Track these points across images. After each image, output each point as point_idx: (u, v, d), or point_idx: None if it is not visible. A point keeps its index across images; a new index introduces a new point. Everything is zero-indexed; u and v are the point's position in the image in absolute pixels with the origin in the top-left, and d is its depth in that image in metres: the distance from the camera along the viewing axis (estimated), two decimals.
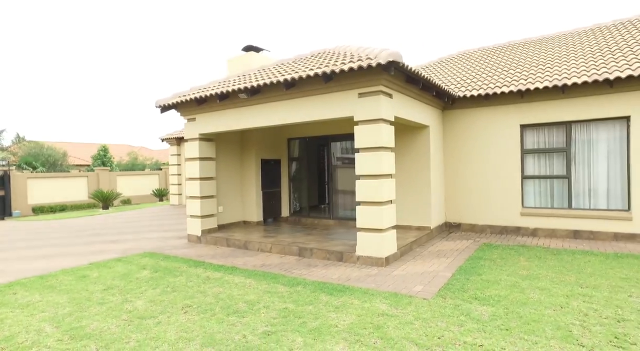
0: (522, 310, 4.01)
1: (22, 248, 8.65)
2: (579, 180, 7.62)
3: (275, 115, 7.03)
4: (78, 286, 5.42)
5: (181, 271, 6.09)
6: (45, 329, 3.93)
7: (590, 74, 7.09)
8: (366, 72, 5.71)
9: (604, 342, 3.27)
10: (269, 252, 7.22)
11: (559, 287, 4.70)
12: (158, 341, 3.57)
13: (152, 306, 4.54)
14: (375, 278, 5.33)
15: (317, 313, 4.14)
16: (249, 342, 3.50)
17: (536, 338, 3.39)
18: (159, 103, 8.31)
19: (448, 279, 5.16)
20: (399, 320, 3.87)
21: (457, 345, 3.29)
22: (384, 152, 5.96)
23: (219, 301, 4.61)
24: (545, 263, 5.83)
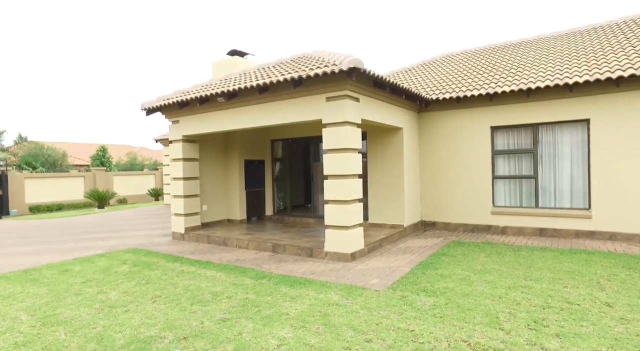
0: (462, 301, 4.33)
1: (13, 245, 9.02)
2: (545, 180, 7.93)
3: (251, 118, 7.37)
4: (59, 279, 5.78)
5: (159, 265, 6.44)
6: (20, 317, 4.28)
7: (554, 78, 7.40)
8: (333, 77, 6.04)
9: (522, 326, 3.59)
10: (246, 248, 7.56)
11: (504, 280, 5.02)
12: (122, 327, 3.92)
13: (124, 296, 4.89)
14: (338, 273, 5.66)
15: (274, 302, 4.48)
16: (204, 327, 3.84)
17: (464, 324, 3.71)
18: (144, 106, 8.67)
19: (405, 273, 5.48)
20: (346, 309, 4.20)
21: (390, 331, 3.61)
22: (350, 153, 6.29)
23: (187, 292, 4.96)
24: (503, 258, 6.15)
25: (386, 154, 8.54)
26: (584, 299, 4.26)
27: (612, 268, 5.41)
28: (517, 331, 3.49)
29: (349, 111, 6.21)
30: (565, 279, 4.98)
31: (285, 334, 3.61)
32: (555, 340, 3.31)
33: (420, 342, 3.34)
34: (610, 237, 7.13)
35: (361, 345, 3.33)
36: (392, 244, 7.53)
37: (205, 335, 3.64)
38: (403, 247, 7.30)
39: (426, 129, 9.14)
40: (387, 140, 8.54)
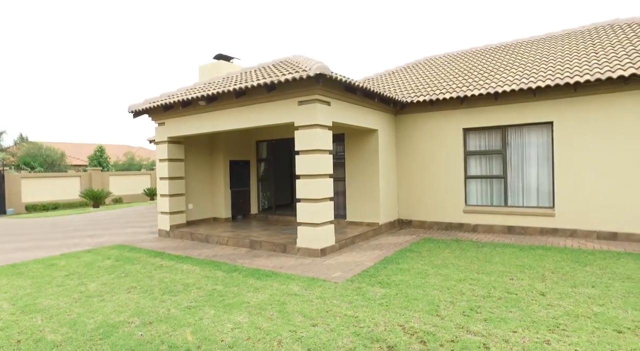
0: (411, 291, 4.67)
1: (5, 241, 9.39)
2: (513, 180, 8.27)
3: (230, 121, 7.73)
4: (44, 272, 6.14)
5: (140, 260, 6.80)
6: (2, 306, 4.64)
7: (519, 83, 7.74)
8: (303, 82, 6.39)
9: (457, 313, 3.93)
10: (226, 245, 7.92)
11: (458, 273, 5.36)
12: (95, 314, 4.27)
13: (102, 287, 5.25)
14: (306, 267, 6.01)
15: (238, 293, 4.83)
16: (170, 314, 4.19)
17: (406, 311, 4.05)
18: (131, 109, 9.03)
19: (368, 267, 5.83)
20: (302, 298, 4.55)
21: (336, 317, 3.96)
22: (320, 154, 6.64)
23: (161, 284, 5.31)
24: (464, 254, 6.49)
25: (362, 155, 8.89)
26: (522, 289, 4.60)
27: (561, 262, 5.76)
28: (450, 318, 3.83)
29: (319, 114, 6.56)
30: (514, 272, 5.33)
31: (241, 319, 3.96)
32: (481, 324, 3.65)
33: (360, 326, 3.69)
34: (571, 233, 7.47)
35: (306, 329, 3.68)
36: (365, 241, 7.87)
37: (169, 320, 3.99)
38: (375, 243, 7.65)
39: (403, 131, 9.49)
40: (363, 141, 8.88)
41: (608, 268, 5.39)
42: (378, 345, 3.29)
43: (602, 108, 7.16)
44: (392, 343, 3.32)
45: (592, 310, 3.92)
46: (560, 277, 5.03)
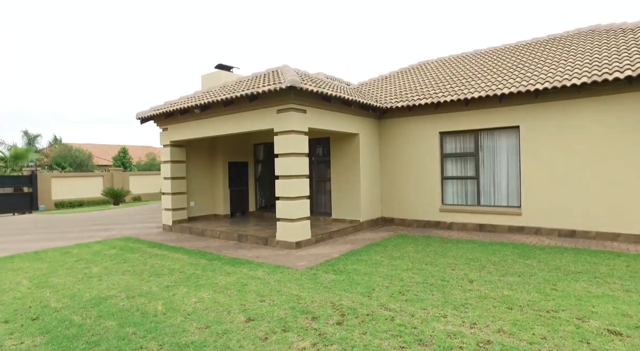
0: (358, 278, 5.37)
1: (34, 233, 10.69)
2: (485, 181, 8.75)
3: (220, 127, 8.62)
4: (59, 258, 7.21)
5: (140, 250, 7.79)
6: (22, 282, 5.68)
7: (488, 89, 8.23)
8: (280, 93, 7.17)
9: (386, 295, 4.60)
10: (218, 238, 8.82)
11: (408, 264, 6.00)
12: (92, 289, 5.22)
13: (102, 270, 6.22)
14: (279, 257, 6.80)
15: (212, 276, 5.68)
16: (151, 291, 5.08)
17: (343, 293, 4.76)
18: (138, 116, 10.10)
19: (332, 258, 6.55)
20: (262, 281, 5.34)
21: (282, 295, 4.72)
22: (297, 157, 7.41)
23: (151, 269, 6.24)
24: (426, 249, 7.09)
25: (345, 157, 9.59)
26: (456, 278, 5.21)
27: (507, 256, 6.28)
28: (377, 298, 4.52)
29: (294, 121, 7.33)
30: (459, 264, 5.92)
31: (205, 296, 4.80)
32: (400, 303, 4.32)
33: (298, 303, 4.44)
34: (536, 231, 7.91)
35: (254, 303, 4.46)
36: (343, 236, 8.58)
37: (148, 295, 4.88)
38: (351, 239, 8.34)
39: (386, 134, 10.11)
40: (346, 145, 9.58)
41: (546, 261, 5.89)
42: (305, 316, 4.03)
43: (561, 114, 7.57)
44: (317, 315, 4.06)
45: (503, 293, 4.52)
46: (497, 268, 5.60)
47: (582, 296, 4.32)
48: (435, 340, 3.37)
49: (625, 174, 7.00)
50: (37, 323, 4.08)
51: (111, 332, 3.77)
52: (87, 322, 4.05)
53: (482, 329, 3.56)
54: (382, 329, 3.63)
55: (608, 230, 7.17)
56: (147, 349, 3.38)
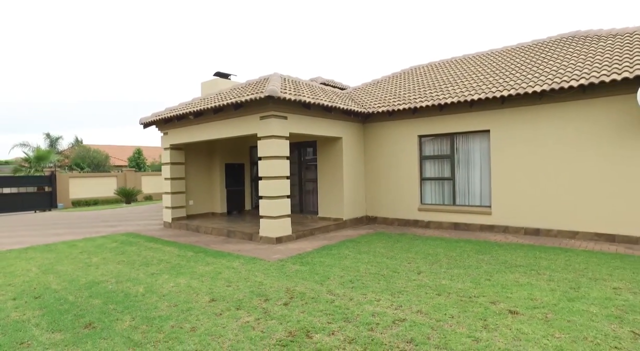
0: (319, 268, 6.00)
1: (49, 228, 11.73)
2: (460, 182, 9.23)
3: (212, 132, 9.39)
4: (66, 250, 8.11)
5: (138, 244, 8.62)
6: (32, 269, 6.55)
7: (461, 95, 8.71)
8: (261, 101, 7.86)
9: (337, 283, 5.21)
10: (210, 234, 9.59)
11: (370, 258, 6.59)
12: (88, 275, 6.02)
13: (101, 261, 7.05)
14: (258, 251, 7.48)
15: (193, 266, 6.41)
16: (138, 277, 5.84)
17: (301, 280, 5.40)
18: (141, 121, 10.98)
19: (305, 252, 7.20)
20: (235, 270, 6.04)
21: (247, 282, 5.40)
22: (277, 160, 8.09)
23: (143, 259, 7.03)
24: (394, 245, 7.65)
25: (330, 159, 10.21)
26: (408, 270, 5.77)
27: (466, 251, 6.79)
28: (328, 286, 5.14)
29: (275, 127, 8.01)
30: (417, 258, 6.47)
31: (181, 281, 5.52)
32: (345, 289, 4.93)
33: (258, 288, 5.11)
34: (504, 230, 8.35)
35: (221, 287, 5.16)
36: (324, 233, 9.21)
37: (134, 281, 5.64)
38: (331, 235, 8.96)
39: (370, 138, 10.68)
40: (330, 147, 10.20)
41: (497, 256, 6.38)
42: (259, 298, 4.70)
43: (526, 119, 8.00)
44: (270, 297, 4.72)
45: (440, 283, 5.07)
46: (449, 262, 6.13)
47: (508, 285, 4.84)
48: (359, 318, 3.98)
49: (583, 176, 7.39)
50: (38, 300, 4.89)
51: (96, 308, 4.53)
52: (78, 300, 4.83)
53: (404, 310, 4.15)
54: (319, 309, 4.26)
55: (567, 229, 7.57)
56: (121, 320, 4.11)
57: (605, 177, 7.16)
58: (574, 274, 5.26)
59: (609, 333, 3.43)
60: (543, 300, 4.29)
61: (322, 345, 3.39)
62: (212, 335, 3.67)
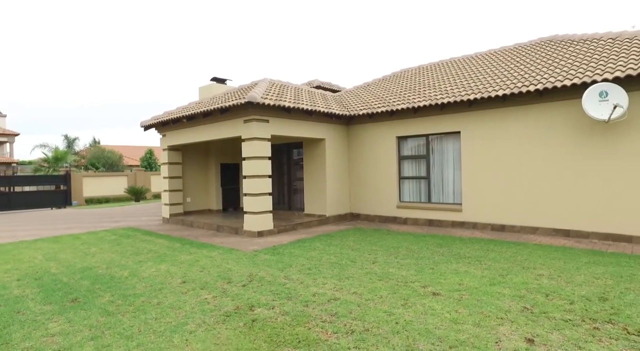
0: (286, 258, 6.64)
1: (60, 223, 12.73)
2: (435, 181, 9.73)
3: (203, 134, 10.15)
4: (70, 241, 8.98)
5: (134, 237, 9.44)
6: (37, 257, 7.40)
7: (434, 98, 9.22)
8: (244, 106, 8.55)
9: (296, 271, 5.84)
10: (202, 228, 10.35)
11: (336, 250, 7.19)
12: (84, 262, 6.82)
13: (98, 250, 7.87)
14: (239, 243, 8.17)
15: (177, 255, 7.15)
16: (126, 264, 6.60)
17: (265, 267, 6.05)
18: (142, 124, 11.84)
19: (280, 244, 7.85)
20: (212, 259, 6.74)
21: (219, 268, 6.09)
22: (259, 160, 8.77)
23: (135, 250, 7.81)
24: (364, 239, 8.23)
25: (315, 159, 10.84)
26: (365, 260, 6.36)
27: (427, 245, 7.31)
28: (287, 272, 5.77)
29: (257, 130, 8.70)
30: (380, 250, 7.04)
31: (162, 268, 6.26)
32: (302, 274, 5.56)
33: (226, 273, 5.79)
34: (473, 226, 8.83)
35: (194, 272, 5.86)
36: (306, 229, 9.85)
37: (122, 267, 6.40)
38: (312, 230, 9.59)
39: (353, 139, 11.27)
40: (314, 148, 10.83)
41: (453, 249, 6.89)
42: (223, 281, 5.38)
43: (491, 122, 8.46)
44: (233, 280, 5.39)
45: (388, 271, 5.65)
46: (407, 254, 6.68)
47: (446, 273, 5.39)
48: (301, 297, 4.61)
49: (541, 176, 7.82)
50: (37, 281, 5.69)
51: (84, 287, 5.29)
52: (70, 282, 5.61)
53: (342, 292, 4.75)
54: (270, 290, 4.91)
55: (529, 225, 8.01)
56: (102, 297, 4.85)
57: (561, 176, 7.58)
58: (511, 264, 5.76)
59: (503, 308, 3.98)
60: (468, 285, 4.83)
61: (259, 316, 4.04)
62: (172, 307, 4.36)
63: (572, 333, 3.37)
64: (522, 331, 3.44)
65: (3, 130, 28.41)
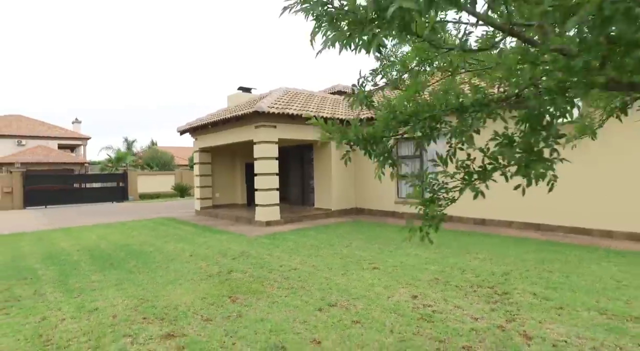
0: (279, 243, 7.99)
1: (115, 214, 15.21)
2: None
3: (224, 138, 11.83)
4: (118, 227, 11.09)
5: (168, 224, 11.35)
6: (92, 237, 9.46)
7: None
8: (253, 114, 10.04)
9: (285, 252, 7.18)
10: (224, 219, 12.06)
11: (324, 236, 8.40)
12: (125, 241, 8.70)
13: (137, 233, 9.79)
14: (249, 230, 9.67)
15: (194, 238, 8.80)
16: (155, 243, 8.36)
17: (259, 248, 7.45)
18: (178, 130, 13.86)
19: (280, 231, 9.23)
20: (220, 241, 8.29)
21: (222, 247, 7.60)
22: (267, 160, 10.23)
23: (165, 233, 9.62)
24: (355, 229, 9.34)
25: (322, 159, 12.09)
26: (342, 244, 7.52)
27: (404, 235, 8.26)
28: (272, 251, 7.13)
29: (266, 134, 10.16)
30: (360, 238, 8.14)
31: (180, 246, 7.91)
32: (280, 253, 6.88)
33: (225, 250, 7.28)
34: (459, 220, 9.56)
35: (202, 249, 7.42)
36: (312, 220, 11.13)
37: (150, 245, 8.15)
38: (316, 222, 10.86)
39: None
40: (322, 149, 12.07)
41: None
42: (219, 255, 6.86)
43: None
44: (227, 255, 6.86)
45: (353, 252, 6.78)
46: (381, 241, 7.72)
47: (397, 255, 6.42)
48: (270, 266, 5.93)
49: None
50: (90, 252, 7.57)
51: (119, 257, 7.05)
52: (112, 253, 7.42)
53: (304, 265, 6.00)
54: (251, 262, 6.29)
55: (505, 219, 8.63)
56: (129, 263, 6.53)
57: None
58: (459, 250, 6.63)
59: (417, 278, 5.01)
60: (407, 263, 5.86)
61: (233, 277, 5.43)
62: (175, 271, 5.90)
63: (450, 293, 4.36)
64: (415, 291, 4.49)
65: (79, 135, 32.84)
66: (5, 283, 5.39)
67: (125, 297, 4.60)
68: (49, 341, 3.37)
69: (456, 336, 3.28)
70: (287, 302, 4.25)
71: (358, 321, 3.65)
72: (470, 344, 3.15)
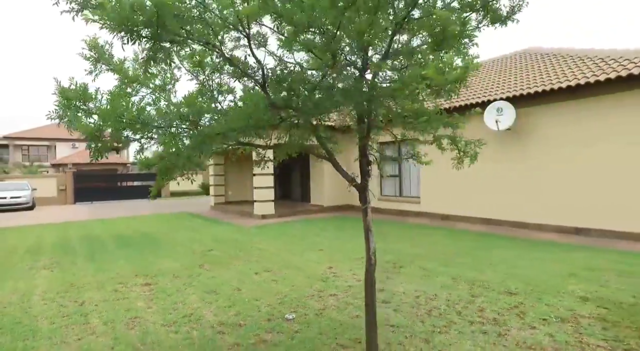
0: (266, 232, 9.61)
1: (145, 209, 17.59)
2: (403, 178, 11.75)
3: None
4: (145, 219, 13.23)
5: (183, 217, 13.35)
6: (121, 226, 11.59)
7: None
8: None
9: (261, 238, 8.81)
10: (232, 213, 13.89)
11: (307, 227, 9.92)
12: (144, 230, 10.70)
13: (156, 224, 11.81)
14: (245, 222, 11.38)
15: (201, 228, 10.64)
16: (167, 231, 10.27)
17: (247, 236, 9.12)
18: None
19: (271, 223, 10.86)
20: (218, 230, 10.05)
21: (216, 234, 9.34)
22: None
23: (177, 224, 11.56)
24: (336, 223, 10.78)
25: (316, 160, 13.59)
26: (315, 234, 9.01)
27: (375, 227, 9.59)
28: (254, 238, 8.76)
29: None
30: (333, 230, 9.58)
31: (186, 234, 9.75)
32: (260, 239, 8.50)
33: (217, 236, 9.01)
34: (428, 216, 10.73)
35: (198, 235, 9.20)
36: (305, 215, 12.68)
37: (163, 233, 10.07)
38: (307, 216, 12.39)
39: None
40: None
41: (389, 231, 9.10)
42: (211, 240, 8.59)
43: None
44: (217, 239, 8.58)
45: (321, 241, 8.26)
46: (349, 232, 9.13)
47: (345, 242, 7.83)
48: (247, 249, 7.56)
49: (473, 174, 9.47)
50: (115, 236, 9.58)
51: (136, 240, 8.98)
52: (132, 238, 9.38)
53: (271, 247, 7.57)
54: (233, 245, 7.96)
55: (464, 214, 9.73)
56: (142, 245, 8.41)
57: (480, 176, 9.19)
58: (400, 238, 7.95)
59: (348, 257, 6.41)
60: (347, 247, 7.27)
61: (211, 254, 7.11)
62: (171, 251, 7.67)
63: (358, 266, 5.75)
64: (334, 265, 5.93)
65: None
66: (54, 254, 7.42)
67: (130, 265, 6.40)
68: (73, 285, 5.19)
69: (332, 289, 4.72)
70: (238, 269, 5.85)
71: (276, 280, 5.18)
72: (337, 293, 4.58)
